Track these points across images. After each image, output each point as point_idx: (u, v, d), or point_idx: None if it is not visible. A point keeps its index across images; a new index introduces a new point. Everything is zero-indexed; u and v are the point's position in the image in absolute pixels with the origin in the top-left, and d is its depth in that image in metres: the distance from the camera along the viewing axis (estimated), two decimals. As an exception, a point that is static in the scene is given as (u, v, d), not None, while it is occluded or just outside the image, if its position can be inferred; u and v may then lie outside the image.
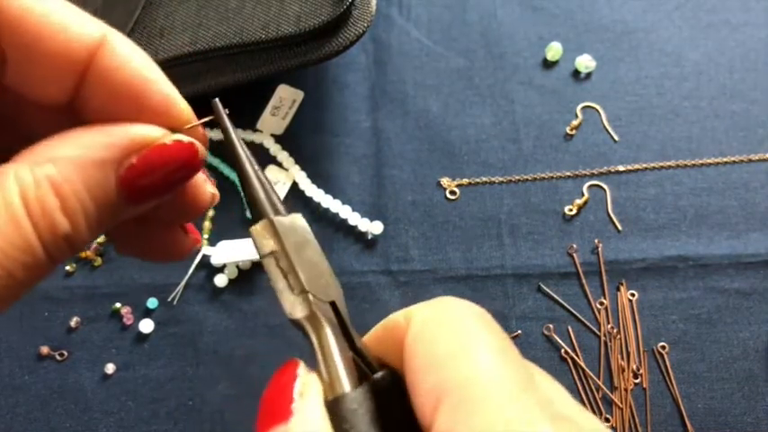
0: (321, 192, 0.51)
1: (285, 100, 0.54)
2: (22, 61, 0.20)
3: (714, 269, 0.48)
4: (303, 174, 0.52)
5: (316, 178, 0.52)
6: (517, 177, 0.52)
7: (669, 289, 0.48)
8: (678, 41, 0.56)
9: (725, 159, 0.52)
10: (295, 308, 0.21)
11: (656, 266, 0.49)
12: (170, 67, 0.48)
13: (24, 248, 0.18)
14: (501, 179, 0.52)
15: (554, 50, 0.55)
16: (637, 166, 0.52)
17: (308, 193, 0.51)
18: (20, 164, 0.18)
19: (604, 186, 0.51)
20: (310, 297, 0.21)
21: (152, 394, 0.46)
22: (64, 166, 0.19)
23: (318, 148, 0.53)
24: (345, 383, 0.19)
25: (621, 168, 0.52)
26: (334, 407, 0.19)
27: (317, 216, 0.51)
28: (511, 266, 0.49)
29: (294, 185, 0.52)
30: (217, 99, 0.24)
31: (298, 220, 0.23)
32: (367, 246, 0.50)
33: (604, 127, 0.54)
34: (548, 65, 0.56)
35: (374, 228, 0.50)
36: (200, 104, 0.35)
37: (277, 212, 0.22)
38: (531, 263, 0.49)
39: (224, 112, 0.24)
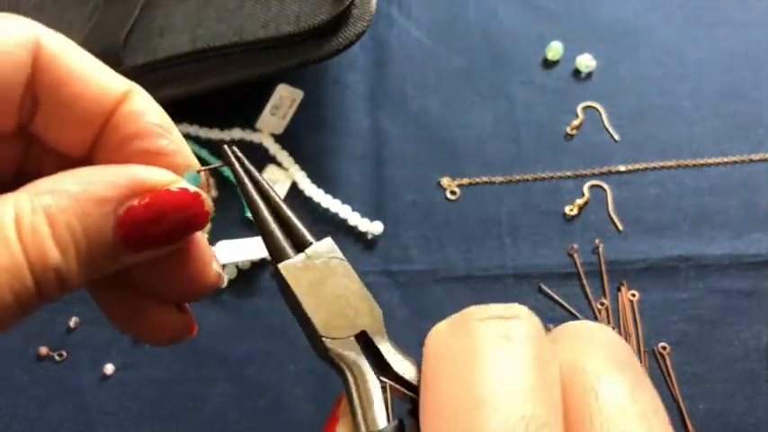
0: (321, 192, 0.51)
1: (285, 99, 0.53)
2: (55, 106, 0.21)
3: (715, 269, 0.48)
4: (303, 173, 0.51)
5: (315, 178, 0.51)
6: (517, 177, 0.52)
7: (670, 289, 0.48)
8: (679, 41, 0.56)
9: (726, 159, 0.52)
10: (319, 350, 0.21)
11: (657, 267, 0.48)
12: (169, 66, 0.48)
13: (14, 271, 0.18)
14: (501, 179, 0.52)
15: (554, 50, 0.55)
16: (638, 166, 0.52)
17: (307, 193, 0.51)
18: (20, 193, 0.19)
19: (605, 186, 0.51)
20: (327, 342, 0.21)
21: (152, 395, 0.46)
22: (61, 198, 0.19)
23: (318, 147, 0.53)
24: (372, 422, 0.19)
25: (622, 168, 0.52)
26: None
27: (317, 216, 0.50)
28: (511, 266, 0.49)
29: (294, 185, 0.52)
30: (226, 146, 0.24)
31: (321, 247, 0.22)
32: (367, 246, 0.50)
33: (605, 127, 0.53)
34: (548, 64, 0.56)
35: (374, 228, 0.49)
36: (199, 104, 0.35)
37: (303, 244, 0.22)
38: (531, 263, 0.49)
39: (234, 158, 0.23)
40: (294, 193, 0.51)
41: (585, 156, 0.52)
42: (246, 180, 0.23)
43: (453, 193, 0.52)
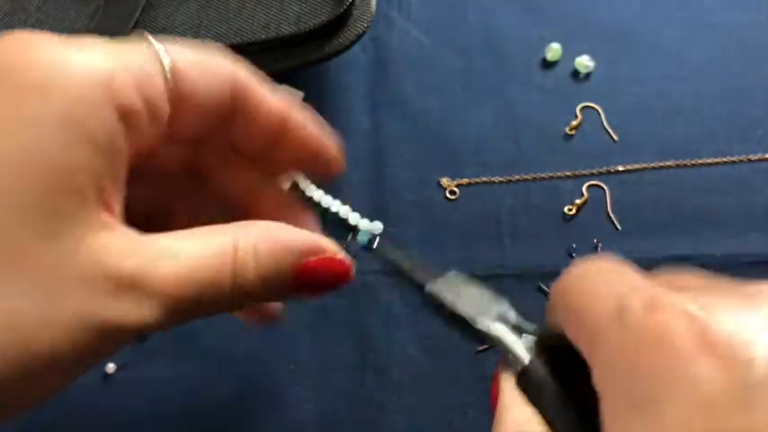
0: (321, 192, 0.51)
1: (285, 100, 0.54)
2: (246, 117, 0.30)
3: (715, 269, 0.48)
4: (303, 173, 0.52)
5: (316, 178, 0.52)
6: (517, 177, 0.52)
7: (669, 289, 0.48)
8: (678, 41, 0.57)
9: (725, 159, 0.52)
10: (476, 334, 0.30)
11: (656, 266, 0.48)
12: (170, 67, 0.48)
13: (218, 285, 0.25)
14: (501, 179, 0.52)
15: (553, 51, 0.56)
16: (636, 166, 0.52)
17: (307, 193, 0.51)
18: (238, 229, 0.27)
19: (604, 186, 0.51)
20: (476, 325, 0.30)
21: (152, 394, 0.46)
22: (264, 242, 0.27)
23: (318, 148, 0.53)
24: (521, 360, 0.27)
25: (621, 168, 0.52)
26: (522, 378, 0.26)
27: (317, 216, 0.50)
28: (511, 266, 0.49)
29: (294, 185, 0.52)
30: (376, 246, 0.37)
31: (451, 277, 0.34)
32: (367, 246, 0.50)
33: (604, 127, 0.54)
34: (547, 65, 0.56)
35: (374, 228, 0.50)
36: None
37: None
38: (531, 263, 0.49)
39: (386, 251, 0.37)
40: (294, 193, 0.51)
41: (584, 156, 0.53)
42: (399, 260, 0.37)
43: (453, 192, 0.52)
